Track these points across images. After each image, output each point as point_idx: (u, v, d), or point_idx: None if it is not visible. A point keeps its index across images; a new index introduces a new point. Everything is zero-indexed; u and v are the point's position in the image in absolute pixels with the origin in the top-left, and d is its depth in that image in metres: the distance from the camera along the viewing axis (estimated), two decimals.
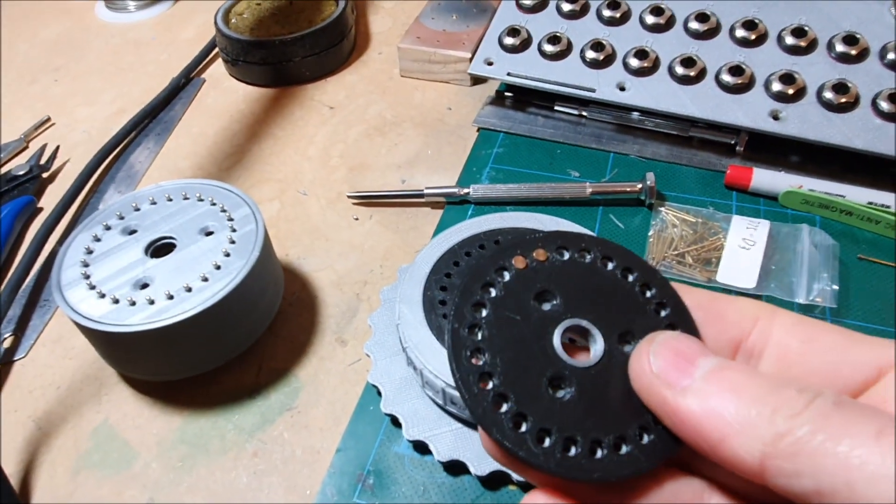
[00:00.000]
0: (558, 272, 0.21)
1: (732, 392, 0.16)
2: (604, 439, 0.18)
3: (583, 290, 0.20)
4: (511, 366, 0.19)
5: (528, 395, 0.18)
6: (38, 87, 0.57)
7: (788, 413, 0.15)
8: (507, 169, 0.45)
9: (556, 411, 0.18)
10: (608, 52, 0.45)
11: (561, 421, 0.18)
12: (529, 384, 0.18)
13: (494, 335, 0.19)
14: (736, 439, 0.16)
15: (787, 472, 0.15)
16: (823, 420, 0.15)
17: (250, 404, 0.33)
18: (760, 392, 0.16)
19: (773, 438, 0.15)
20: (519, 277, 0.20)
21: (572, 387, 0.19)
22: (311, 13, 0.56)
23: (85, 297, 0.31)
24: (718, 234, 0.39)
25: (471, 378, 0.18)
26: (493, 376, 0.18)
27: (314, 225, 0.43)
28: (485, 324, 0.19)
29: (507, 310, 0.20)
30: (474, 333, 0.19)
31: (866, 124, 0.40)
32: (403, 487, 0.30)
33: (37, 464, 0.32)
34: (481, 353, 0.19)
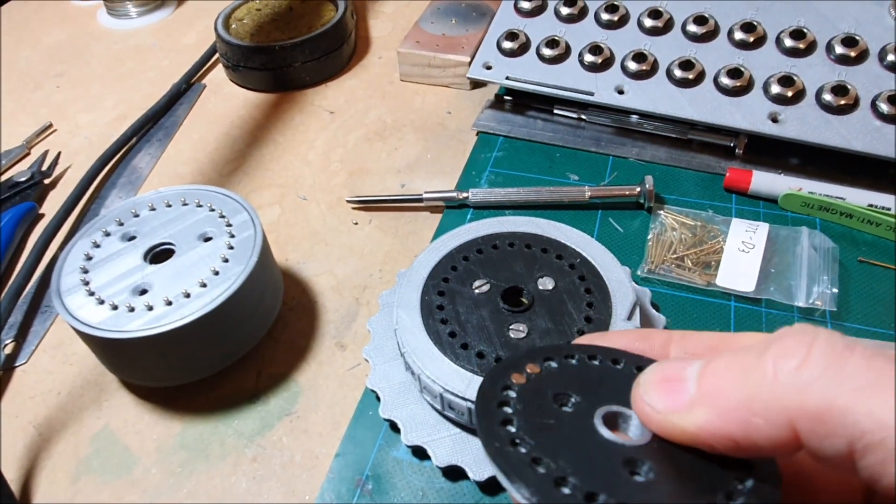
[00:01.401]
0: (559, 377, 0.20)
1: (727, 377, 0.16)
2: (717, 500, 0.16)
3: (590, 384, 0.20)
4: (580, 464, 0.17)
5: (616, 486, 0.16)
6: (40, 94, 0.58)
7: (794, 364, 0.15)
8: (506, 173, 0.45)
9: (653, 494, 0.16)
10: (606, 55, 0.45)
11: (661, 500, 0.16)
12: (610, 476, 0.17)
13: (542, 443, 0.17)
14: (756, 419, 0.15)
15: (817, 434, 0.14)
16: (840, 367, 0.14)
17: (250, 409, 0.33)
18: (752, 360, 0.16)
19: (790, 397, 0.14)
20: (527, 390, 0.19)
21: (648, 463, 0.17)
22: (311, 18, 0.57)
23: (84, 303, 0.32)
24: (718, 238, 0.38)
25: (546, 488, 0.16)
26: (567, 480, 0.16)
27: (314, 229, 0.43)
28: (524, 435, 0.18)
29: (537, 417, 0.18)
30: (518, 447, 0.17)
31: (866, 126, 0.40)
32: (402, 492, 0.30)
33: (37, 469, 0.32)
34: (539, 462, 0.17)
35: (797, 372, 0.15)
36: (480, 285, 0.32)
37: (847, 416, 0.14)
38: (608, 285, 0.32)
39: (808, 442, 0.15)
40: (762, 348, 0.16)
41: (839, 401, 0.14)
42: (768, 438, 0.15)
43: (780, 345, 0.15)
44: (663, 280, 0.37)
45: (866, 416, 0.14)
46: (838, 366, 0.14)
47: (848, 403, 0.14)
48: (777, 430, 0.15)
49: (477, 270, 0.33)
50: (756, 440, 0.15)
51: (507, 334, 0.30)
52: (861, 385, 0.14)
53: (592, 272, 0.32)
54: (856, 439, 0.14)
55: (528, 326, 0.30)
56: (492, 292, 0.32)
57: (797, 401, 0.14)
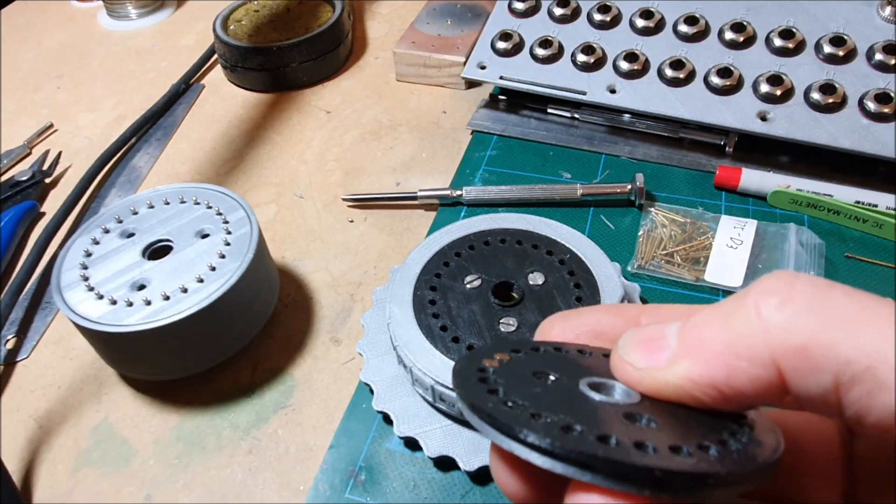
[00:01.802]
0: (531, 361, 0.19)
1: (709, 325, 0.15)
2: (725, 437, 0.15)
3: (564, 366, 0.19)
4: (584, 416, 0.16)
5: (623, 431, 0.15)
6: (41, 95, 0.58)
7: (776, 301, 0.14)
8: (500, 171, 0.46)
9: (666, 435, 0.15)
10: (599, 55, 0.46)
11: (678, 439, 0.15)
12: (614, 424, 0.15)
13: (537, 403, 0.16)
14: (740, 362, 0.15)
15: (802, 371, 0.14)
16: (824, 301, 0.14)
17: (246, 403, 0.34)
18: (732, 305, 0.15)
19: (773, 335, 0.14)
20: (504, 370, 0.18)
21: (647, 415, 0.16)
22: (308, 19, 0.57)
23: (84, 298, 0.32)
24: (707, 234, 0.39)
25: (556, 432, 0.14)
26: (573, 427, 0.15)
27: (310, 227, 0.43)
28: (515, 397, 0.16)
29: (523, 385, 0.17)
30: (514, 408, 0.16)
31: (853, 124, 0.40)
32: (394, 483, 0.30)
33: (38, 461, 0.33)
34: (539, 417, 0.15)
35: (779, 309, 0.14)
36: (472, 280, 0.33)
37: (832, 347, 0.14)
38: (597, 280, 0.32)
39: (793, 381, 0.14)
40: (743, 293, 0.15)
41: (823, 333, 0.14)
42: (753, 382, 0.15)
43: (761, 285, 0.15)
44: (653, 276, 0.38)
45: (852, 346, 0.13)
46: (822, 301, 0.14)
47: (833, 335, 0.14)
48: (761, 371, 0.14)
49: (468, 266, 0.33)
50: (741, 386, 0.15)
51: (497, 328, 0.31)
52: (845, 317, 0.14)
53: (582, 268, 0.33)
54: (841, 371, 0.13)
55: (518, 320, 0.31)
56: (483, 287, 0.32)
57: (780, 338, 0.14)
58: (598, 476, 0.14)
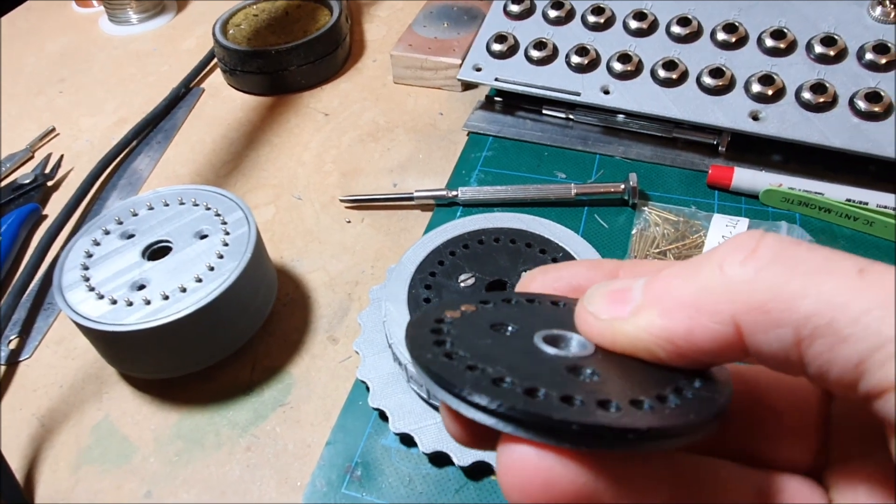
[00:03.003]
0: (495, 313, 0.18)
1: (675, 279, 0.15)
2: (665, 392, 0.15)
3: (528, 317, 0.18)
4: (520, 368, 0.15)
5: (558, 384, 0.15)
6: (43, 99, 0.59)
7: (741, 256, 0.14)
8: (495, 172, 0.46)
9: (598, 389, 0.15)
10: (592, 56, 0.46)
11: (611, 392, 0.15)
12: (551, 376, 0.15)
13: (478, 354, 0.16)
14: (700, 316, 0.14)
15: (763, 326, 0.14)
16: (788, 256, 0.14)
17: (244, 401, 0.35)
18: (699, 261, 0.15)
19: (736, 291, 0.14)
20: (462, 321, 0.18)
21: (592, 368, 0.16)
22: (307, 23, 0.58)
23: (84, 298, 0.33)
24: (699, 232, 0.40)
25: (484, 384, 0.14)
26: (504, 379, 0.15)
27: (308, 228, 0.44)
28: (459, 349, 0.16)
29: (474, 337, 0.17)
30: (453, 359, 0.16)
31: (844, 123, 0.41)
32: (390, 478, 0.31)
33: (40, 459, 0.33)
34: (475, 369, 0.15)
35: (742, 265, 0.14)
36: (466, 279, 0.33)
37: (792, 301, 0.13)
38: None
39: (753, 338, 0.14)
40: (712, 250, 0.15)
41: (785, 287, 0.13)
42: (712, 338, 0.14)
43: (729, 242, 0.15)
44: None
45: (813, 298, 0.13)
46: (785, 255, 0.14)
47: (793, 289, 0.13)
48: (721, 328, 0.14)
49: (463, 265, 0.34)
50: (699, 341, 0.15)
51: None
52: (808, 270, 0.13)
53: None
54: (801, 325, 0.13)
55: None
56: (477, 285, 0.33)
57: (742, 294, 0.14)
58: (518, 429, 0.14)
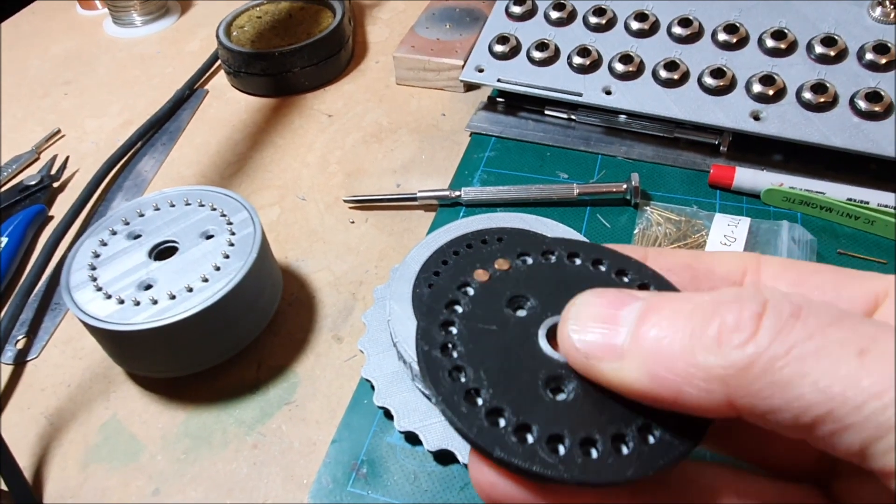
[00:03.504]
0: (526, 277, 0.19)
1: (669, 335, 0.15)
2: (627, 432, 0.16)
3: (556, 288, 0.19)
4: (499, 376, 0.17)
5: (527, 403, 0.16)
6: (48, 101, 0.59)
7: (738, 340, 0.14)
8: (498, 172, 0.46)
9: (564, 414, 0.16)
10: (594, 57, 0.47)
11: (572, 423, 0.16)
12: (525, 391, 0.16)
13: (472, 350, 0.17)
14: (690, 389, 0.14)
15: (760, 409, 0.13)
16: (784, 338, 0.13)
17: (250, 399, 0.35)
18: (696, 323, 0.14)
19: (732, 375, 0.13)
20: (484, 289, 0.19)
21: (572, 383, 0.17)
22: (310, 25, 0.58)
23: (92, 298, 0.33)
24: (701, 232, 0.40)
25: (456, 398, 0.16)
26: (480, 392, 0.16)
27: (312, 228, 0.44)
28: (458, 340, 0.18)
29: (480, 321, 0.18)
30: (448, 352, 0.17)
31: (844, 123, 0.41)
32: (395, 476, 0.31)
33: (49, 457, 0.34)
34: (461, 371, 0.17)
35: (741, 348, 0.14)
36: None
37: (791, 389, 0.13)
38: None
39: (748, 414, 0.14)
40: (711, 310, 0.15)
41: (781, 373, 0.13)
42: (698, 405, 0.14)
43: (730, 313, 0.14)
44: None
45: (811, 388, 0.13)
46: (782, 337, 0.13)
47: (791, 376, 0.13)
48: (710, 402, 0.14)
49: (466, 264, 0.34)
50: (685, 405, 0.14)
51: None
52: (805, 354, 0.13)
53: None
54: (801, 413, 0.13)
55: None
56: None
57: (738, 380, 0.14)
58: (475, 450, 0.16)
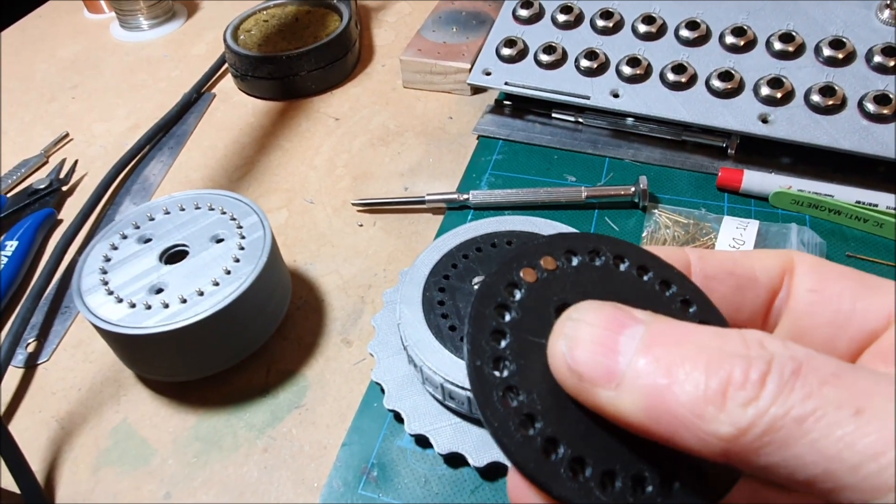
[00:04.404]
0: (573, 280, 0.18)
1: (671, 375, 0.14)
2: (679, 466, 0.15)
3: (604, 297, 0.18)
4: (552, 400, 0.16)
5: (580, 433, 0.15)
6: (56, 105, 0.60)
7: (743, 399, 0.14)
8: (505, 175, 0.47)
9: (616, 446, 0.15)
10: (602, 60, 0.47)
11: (624, 456, 0.15)
12: (577, 419, 0.16)
13: (524, 367, 0.16)
14: (688, 436, 0.14)
15: (757, 465, 0.13)
16: (784, 399, 0.13)
17: (260, 403, 0.35)
18: (701, 373, 0.14)
19: (731, 433, 0.13)
20: (533, 292, 0.18)
21: None
22: (316, 29, 0.58)
23: (104, 301, 0.33)
24: (710, 235, 0.40)
25: (511, 425, 0.15)
26: (535, 418, 0.16)
27: (320, 232, 0.44)
28: (510, 355, 0.16)
29: (530, 333, 0.17)
30: (500, 368, 0.16)
31: (853, 125, 0.41)
32: (406, 479, 0.31)
33: (60, 461, 0.34)
34: (515, 391, 0.16)
35: (744, 407, 0.14)
36: (479, 281, 0.34)
37: (788, 449, 0.13)
38: None
39: (744, 468, 0.14)
40: (715, 361, 0.14)
41: (780, 433, 0.13)
42: (693, 448, 0.14)
43: (736, 369, 0.14)
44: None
45: (808, 449, 0.13)
46: (783, 398, 0.13)
47: (788, 437, 0.13)
48: (709, 451, 0.14)
49: (476, 267, 0.34)
50: (679, 445, 0.14)
51: None
52: (803, 414, 0.13)
53: None
54: (798, 471, 0.13)
55: None
56: None
57: (737, 437, 0.14)
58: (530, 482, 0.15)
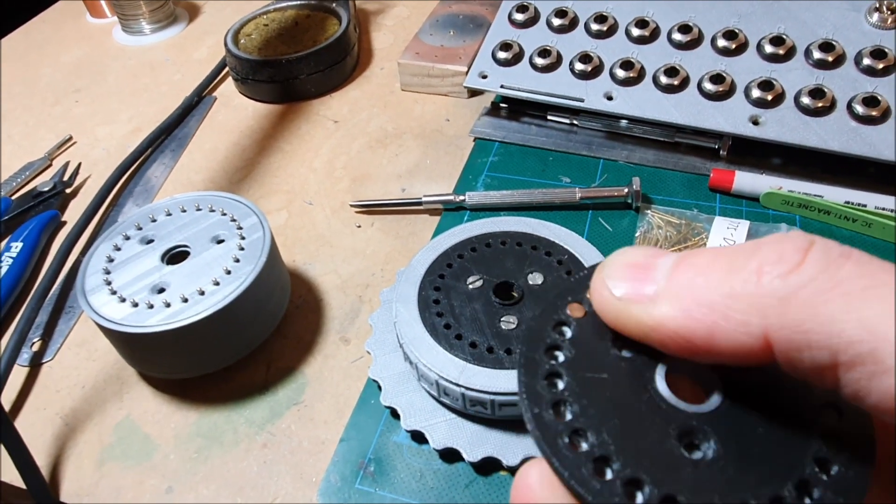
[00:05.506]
0: None
1: (705, 273, 0.14)
2: (784, 492, 0.14)
3: None
4: (626, 438, 0.15)
5: (664, 468, 0.14)
6: (60, 109, 0.61)
7: (780, 271, 0.13)
8: (501, 176, 0.47)
9: (708, 478, 0.14)
10: (596, 63, 0.48)
11: (720, 489, 0.14)
12: (659, 454, 0.14)
13: (587, 406, 0.15)
14: (726, 323, 0.13)
15: (796, 345, 0.13)
16: (833, 273, 0.13)
17: (260, 400, 0.36)
18: (734, 259, 0.14)
19: (771, 305, 0.13)
20: (584, 327, 0.17)
21: (710, 439, 0.15)
22: (316, 32, 0.59)
23: (107, 301, 0.34)
24: (701, 235, 0.41)
25: (584, 471, 0.14)
26: (610, 459, 0.14)
27: (319, 232, 0.45)
28: (570, 396, 0.15)
29: (588, 369, 0.16)
30: (562, 412, 0.15)
31: (842, 127, 0.42)
32: (402, 474, 0.32)
33: (65, 457, 0.34)
34: (581, 434, 0.15)
35: (783, 278, 0.13)
36: (474, 281, 0.34)
37: (834, 324, 0.12)
38: None
39: (783, 353, 0.13)
40: (751, 249, 0.14)
41: (826, 307, 0.12)
42: (735, 346, 0.13)
43: (771, 248, 0.14)
44: None
45: (855, 324, 0.12)
46: (830, 272, 0.13)
47: (836, 310, 0.12)
48: (747, 339, 0.13)
49: (471, 267, 0.35)
50: (720, 346, 0.14)
51: (498, 325, 0.32)
52: (852, 291, 0.12)
53: (579, 267, 0.34)
54: (841, 350, 0.12)
55: (518, 318, 0.32)
56: (484, 287, 0.34)
57: (779, 309, 0.13)
58: None
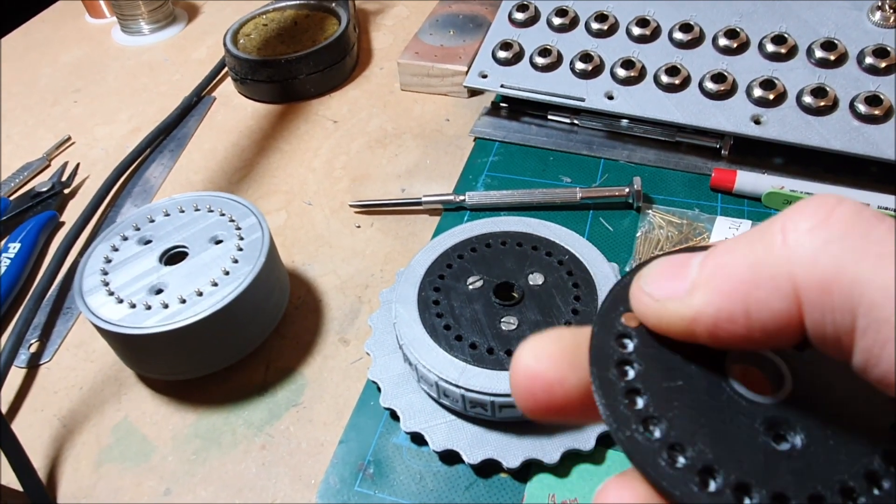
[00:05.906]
0: None
1: (732, 252, 0.14)
2: (874, 465, 0.14)
3: None
4: (721, 444, 0.14)
5: (764, 467, 0.14)
6: (59, 109, 0.60)
7: (809, 224, 0.13)
8: (501, 176, 0.47)
9: (801, 467, 0.14)
10: (596, 62, 0.47)
11: (816, 477, 0.14)
12: (755, 453, 0.14)
13: (675, 418, 0.15)
14: (759, 292, 0.13)
15: (822, 308, 0.13)
16: (864, 232, 0.12)
17: (259, 401, 0.36)
18: (763, 229, 0.13)
19: (800, 262, 0.13)
20: (644, 336, 0.16)
21: (794, 424, 0.15)
22: (315, 32, 0.59)
23: (104, 302, 0.34)
24: (703, 234, 0.40)
25: (692, 487, 0.14)
26: (713, 470, 0.14)
27: (318, 233, 0.45)
28: (655, 411, 0.15)
29: (665, 379, 0.16)
30: (652, 430, 0.15)
31: (844, 126, 0.41)
32: (401, 476, 0.32)
33: (62, 458, 0.34)
34: (678, 448, 0.14)
35: (810, 234, 0.13)
36: (474, 281, 0.34)
37: (857, 285, 0.12)
38: (595, 280, 0.34)
39: (812, 317, 0.13)
40: (776, 217, 0.14)
41: (851, 267, 0.12)
42: (770, 316, 0.13)
43: (796, 209, 0.13)
44: None
45: (879, 288, 0.12)
46: (860, 231, 0.12)
47: (861, 271, 0.12)
48: (782, 305, 0.13)
49: (471, 267, 0.35)
50: (757, 321, 0.13)
51: (498, 326, 0.32)
52: (881, 252, 0.12)
53: (580, 267, 0.34)
54: (862, 313, 0.12)
55: (518, 319, 0.32)
56: (484, 287, 0.34)
57: (806, 267, 0.13)
58: None
